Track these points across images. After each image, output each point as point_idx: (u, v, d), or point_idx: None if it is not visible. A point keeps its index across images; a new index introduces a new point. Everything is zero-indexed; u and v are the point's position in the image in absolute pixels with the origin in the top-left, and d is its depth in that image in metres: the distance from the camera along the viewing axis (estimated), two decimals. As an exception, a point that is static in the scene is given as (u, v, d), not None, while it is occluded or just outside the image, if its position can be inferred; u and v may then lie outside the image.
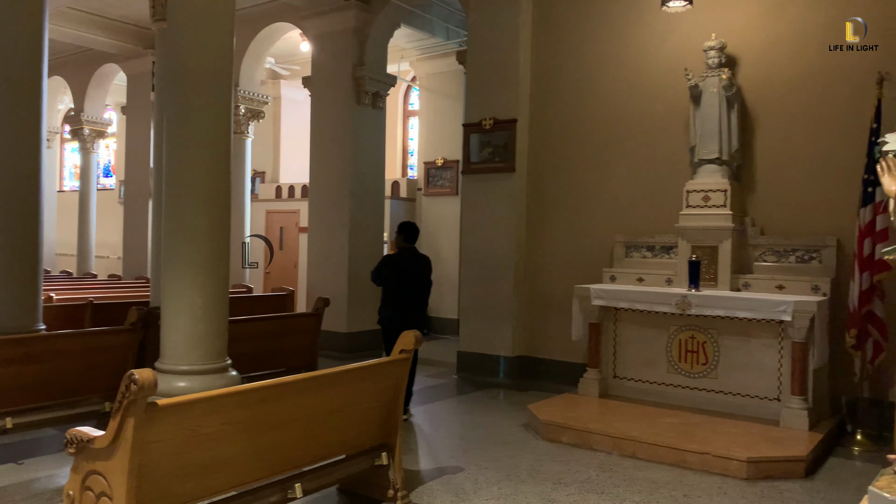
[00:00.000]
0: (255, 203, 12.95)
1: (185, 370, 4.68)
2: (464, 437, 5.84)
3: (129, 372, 2.70)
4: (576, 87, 7.64)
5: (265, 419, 3.39)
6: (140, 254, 12.49)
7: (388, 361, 4.17)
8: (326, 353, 8.51)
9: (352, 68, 9.45)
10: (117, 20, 11.63)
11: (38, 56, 6.39)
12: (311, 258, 9.95)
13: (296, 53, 12.46)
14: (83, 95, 13.92)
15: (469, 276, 8.22)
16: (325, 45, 9.72)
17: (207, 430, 3.09)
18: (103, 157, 17.43)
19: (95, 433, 2.83)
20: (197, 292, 4.74)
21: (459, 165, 10.22)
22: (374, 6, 9.45)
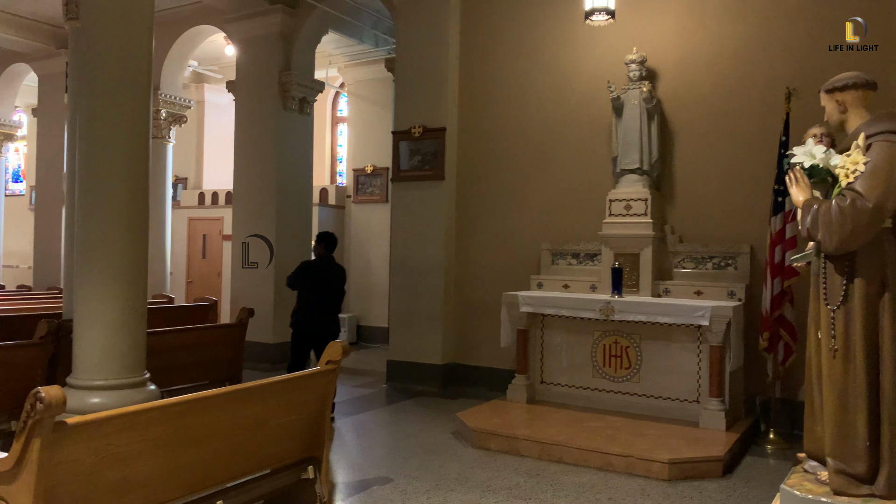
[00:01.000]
0: (177, 210, 12.55)
1: (99, 385, 4.48)
2: (392, 447, 5.79)
3: (35, 389, 2.55)
4: (503, 97, 7.74)
5: (185, 435, 3.26)
6: (52, 263, 11.87)
7: (315, 373, 4.09)
8: (251, 365, 8.31)
9: (278, 73, 9.29)
10: (28, 18, 11.08)
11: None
12: (235, 267, 9.69)
13: (221, 57, 12.15)
14: (-10, 96, 13.17)
15: (399, 284, 8.19)
16: (250, 49, 9.52)
17: (122, 449, 2.95)
18: (13, 161, 16.54)
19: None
20: (113, 303, 4.55)
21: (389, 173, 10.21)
22: (301, 11, 9.33)
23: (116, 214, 4.58)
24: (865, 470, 3.05)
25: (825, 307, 3.21)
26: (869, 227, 3.02)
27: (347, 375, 8.47)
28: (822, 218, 3.10)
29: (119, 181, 4.61)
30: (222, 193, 12.48)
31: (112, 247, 4.55)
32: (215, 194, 12.70)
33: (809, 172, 3.29)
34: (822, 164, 3.25)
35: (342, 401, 7.08)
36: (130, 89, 4.67)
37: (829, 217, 3.07)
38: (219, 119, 13.32)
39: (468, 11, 7.96)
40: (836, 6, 6.05)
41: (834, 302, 3.16)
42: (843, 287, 3.13)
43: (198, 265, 12.78)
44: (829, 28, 6.05)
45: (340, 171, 13.06)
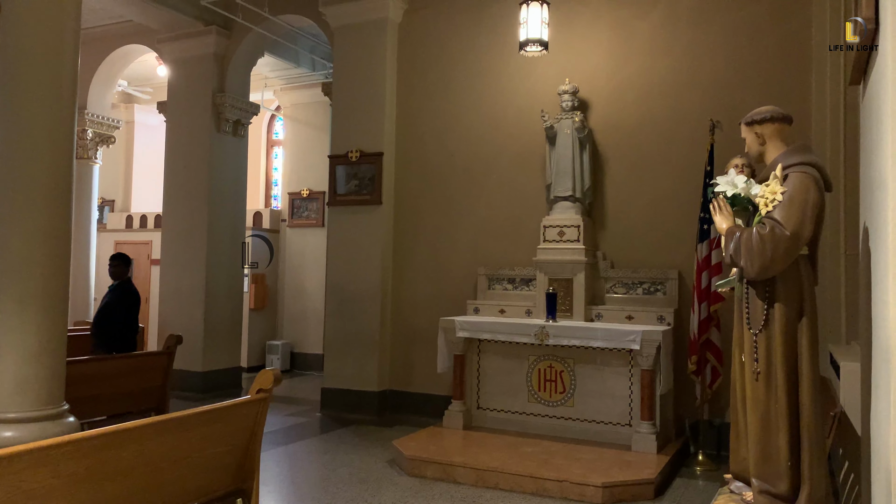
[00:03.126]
0: (103, 233, 12.10)
1: (12, 418, 4.22)
2: (326, 477, 5.65)
3: (-63, 424, 2.37)
4: (440, 123, 7.81)
5: (103, 470, 3.09)
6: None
7: (244, 402, 3.96)
8: (179, 394, 8.03)
9: (212, 95, 9.13)
10: (-56, 31, 10.55)
11: None
12: (163, 292, 9.38)
13: (152, 77, 11.85)
14: None
15: (334, 310, 8.08)
16: (183, 69, 9.33)
17: (33, 486, 2.77)
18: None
19: None
20: (29, 331, 4.30)
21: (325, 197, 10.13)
22: (236, 33, 9.22)
23: (36, 237, 4.36)
24: (788, 489, 3.15)
25: (748, 331, 3.32)
26: (787, 254, 3.15)
27: (280, 404, 8.27)
28: (744, 245, 3.22)
29: (39, 202, 4.40)
30: (151, 216, 12.12)
31: (30, 271, 4.32)
32: (144, 217, 12.31)
33: (732, 201, 3.42)
34: (744, 194, 3.38)
35: (274, 430, 6.90)
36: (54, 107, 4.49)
37: (750, 244, 3.19)
38: (149, 140, 12.97)
39: (405, 38, 8.03)
40: (757, 43, 6.38)
41: (756, 326, 3.28)
42: (764, 312, 3.25)
43: (124, 290, 12.29)
44: (750, 64, 6.38)
45: (276, 194, 12.88)
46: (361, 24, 7.98)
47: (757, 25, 6.42)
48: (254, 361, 11.05)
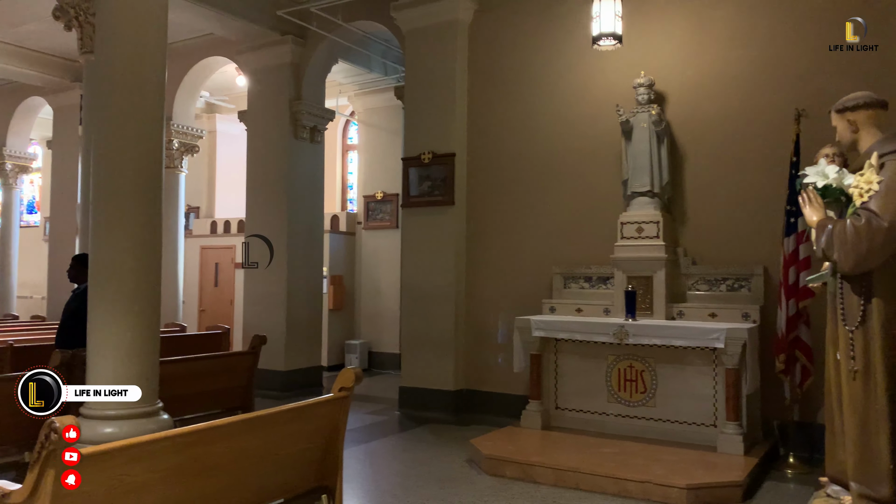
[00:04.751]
0: (189, 239, 12.62)
1: (112, 415, 4.46)
2: (405, 475, 5.73)
3: (49, 420, 2.54)
4: (512, 121, 7.78)
5: (195, 465, 3.23)
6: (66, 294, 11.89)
7: (327, 400, 4.06)
8: (263, 393, 8.28)
9: (289, 102, 9.39)
10: (43, 52, 11.28)
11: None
12: (247, 295, 9.71)
13: (232, 87, 12.31)
14: (6, 129, 13.38)
15: (409, 310, 8.17)
16: (261, 79, 9.64)
17: (134, 479, 2.92)
18: (27, 192, 16.74)
19: (11, 487, 2.64)
20: (125, 333, 4.55)
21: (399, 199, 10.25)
22: (310, 42, 9.45)
23: (129, 244, 4.60)
24: (890, 493, 2.99)
25: (843, 328, 3.16)
26: (885, 247, 2.98)
27: (359, 402, 8.43)
28: (838, 238, 3.07)
29: (132, 211, 4.64)
30: (234, 222, 12.57)
31: (125, 276, 4.57)
32: (227, 223, 12.78)
33: (822, 192, 3.27)
34: (836, 184, 3.23)
35: (354, 428, 7.03)
36: (144, 120, 4.73)
37: (844, 237, 3.04)
38: (230, 148, 13.45)
39: (475, 38, 8.04)
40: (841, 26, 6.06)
41: (852, 323, 3.12)
42: (860, 307, 3.09)
43: (210, 293, 12.82)
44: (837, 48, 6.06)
45: (351, 197, 13.14)
46: (432, 27, 8.04)
47: (845, 6, 6.09)
48: (334, 360, 11.30)
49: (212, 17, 8.83)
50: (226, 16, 8.77)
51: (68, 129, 12.12)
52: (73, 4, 7.44)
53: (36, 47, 11.10)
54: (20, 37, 10.49)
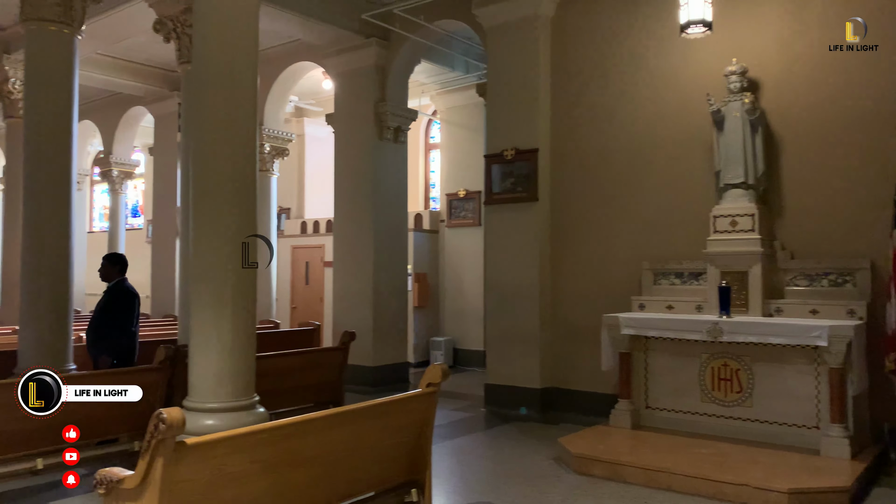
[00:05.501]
0: (281, 239, 13.07)
1: (212, 408, 4.68)
2: (493, 472, 5.73)
3: (158, 411, 2.69)
4: (598, 115, 7.64)
5: (290, 457, 3.35)
6: (168, 292, 12.62)
7: (415, 396, 4.12)
8: (352, 388, 8.47)
9: (373, 104, 9.57)
10: (144, 64, 11.94)
11: (68, 102, 6.58)
12: (336, 292, 9.97)
13: (319, 91, 12.65)
14: (112, 138, 14.24)
15: (494, 307, 8.17)
16: (347, 82, 9.87)
17: (233, 469, 3.06)
18: (131, 197, 17.76)
19: (124, 473, 2.82)
20: (225, 329, 4.76)
21: (482, 196, 10.27)
22: (394, 43, 9.59)
23: (227, 245, 4.81)
24: None
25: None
26: None
27: (445, 399, 8.46)
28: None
29: (229, 213, 4.84)
30: (323, 222, 12.92)
31: (224, 276, 4.77)
32: (316, 223, 13.16)
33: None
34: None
35: (441, 424, 7.09)
36: (238, 126, 4.92)
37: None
38: (318, 151, 13.84)
39: (557, 31, 7.94)
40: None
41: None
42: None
43: (301, 291, 13.24)
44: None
45: (434, 196, 13.25)
46: (514, 22, 8.00)
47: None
48: (419, 357, 11.45)
49: (299, 23, 9.10)
50: (313, 22, 9.02)
51: (168, 137, 12.80)
52: (172, 17, 7.83)
53: (138, 60, 11.75)
54: (124, 50, 11.14)
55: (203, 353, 4.76)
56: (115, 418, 5.24)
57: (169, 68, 11.79)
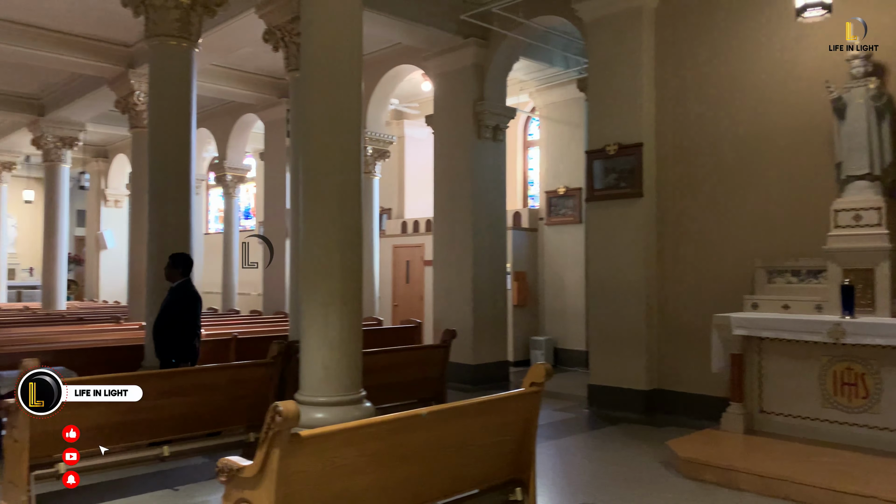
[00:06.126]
0: (383, 239, 13.36)
1: (322, 401, 4.85)
2: (598, 473, 5.64)
3: (274, 404, 2.82)
4: (704, 106, 7.34)
5: (397, 451, 3.42)
6: (278, 290, 13.19)
7: (519, 395, 4.11)
8: (453, 385, 8.55)
9: (472, 103, 9.61)
10: (254, 73, 12.52)
11: (187, 111, 7.00)
12: (436, 291, 10.09)
13: (418, 93, 12.85)
14: (226, 144, 15.04)
15: (597, 307, 8.02)
16: (445, 82, 9.96)
17: (344, 462, 3.16)
18: (244, 200, 18.66)
19: (244, 462, 2.97)
20: (331, 326, 4.92)
21: (583, 193, 10.10)
22: (492, 42, 9.60)
23: (335, 245, 4.97)
24: None
25: None
26: None
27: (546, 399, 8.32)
28: None
29: (336, 216, 5.01)
30: (423, 221, 13.11)
31: (332, 274, 4.94)
32: (416, 222, 13.37)
33: None
34: None
35: (543, 424, 7.02)
36: (344, 129, 5.08)
37: None
38: (417, 151, 14.05)
39: (662, 22, 7.69)
40: None
41: None
42: None
43: (402, 289, 13.49)
44: None
45: (532, 194, 13.16)
46: (615, 14, 7.82)
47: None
48: (519, 356, 11.40)
49: (400, 27, 9.28)
50: (413, 25, 9.17)
51: (277, 142, 13.37)
52: (280, 27, 8.18)
53: (248, 69, 12.34)
54: (235, 61, 11.73)
55: (313, 349, 4.94)
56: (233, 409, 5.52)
57: (277, 76, 12.31)
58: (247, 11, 8.68)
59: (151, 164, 6.92)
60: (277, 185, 13.33)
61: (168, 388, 5.16)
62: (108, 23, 10.05)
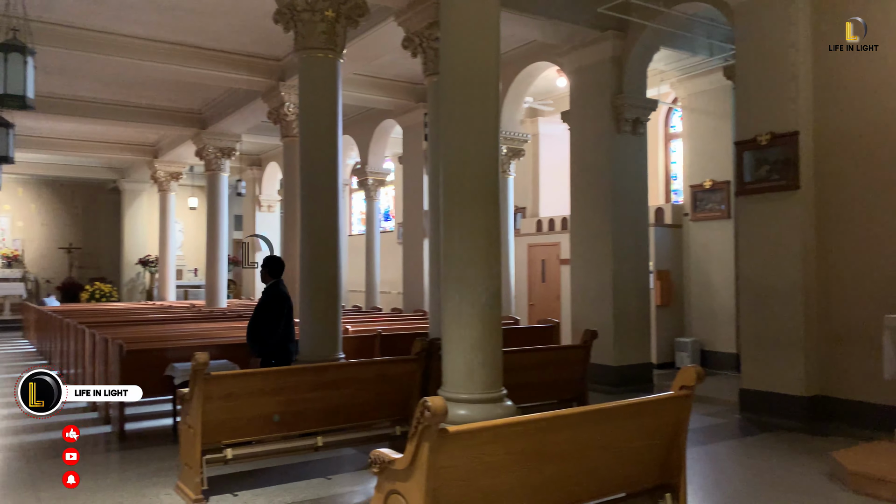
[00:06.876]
0: (518, 238, 13.35)
1: (464, 399, 4.91)
2: (753, 482, 5.31)
3: (423, 399, 2.90)
4: (875, 88, 6.71)
5: (543, 451, 3.41)
6: (417, 289, 13.56)
7: (667, 398, 3.96)
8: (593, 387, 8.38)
9: (610, 97, 9.37)
10: (392, 79, 12.95)
11: (333, 120, 7.35)
12: (574, 290, 9.93)
13: (552, 89, 12.72)
14: (367, 149, 15.66)
15: (750, 307, 7.55)
16: (582, 77, 9.79)
17: (491, 459, 3.19)
18: (383, 202, 19.34)
19: (395, 455, 3.07)
20: (473, 324, 4.98)
21: (731, 186, 9.57)
22: (631, 33, 9.31)
23: (475, 244, 5.03)
24: None
25: None
26: None
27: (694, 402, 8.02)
28: None
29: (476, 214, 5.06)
30: (558, 220, 12.96)
31: (472, 274, 5.00)
32: (551, 221, 13.24)
33: None
34: None
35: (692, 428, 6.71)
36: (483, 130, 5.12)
37: None
38: (552, 149, 13.91)
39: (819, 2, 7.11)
40: None
41: None
42: None
43: (538, 289, 13.41)
44: None
45: (676, 188, 12.63)
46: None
47: None
48: (663, 358, 10.98)
49: (536, 24, 9.23)
50: (550, 21, 9.10)
51: (415, 145, 13.74)
52: (418, 33, 8.39)
53: (387, 76, 12.78)
54: (375, 69, 12.18)
55: (455, 347, 5.02)
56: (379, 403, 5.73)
57: (415, 81, 12.66)
58: (386, 20, 9.00)
59: (303, 171, 7.32)
60: (415, 187, 13.70)
61: (321, 382, 5.45)
62: (261, 40, 10.79)
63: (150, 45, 10.82)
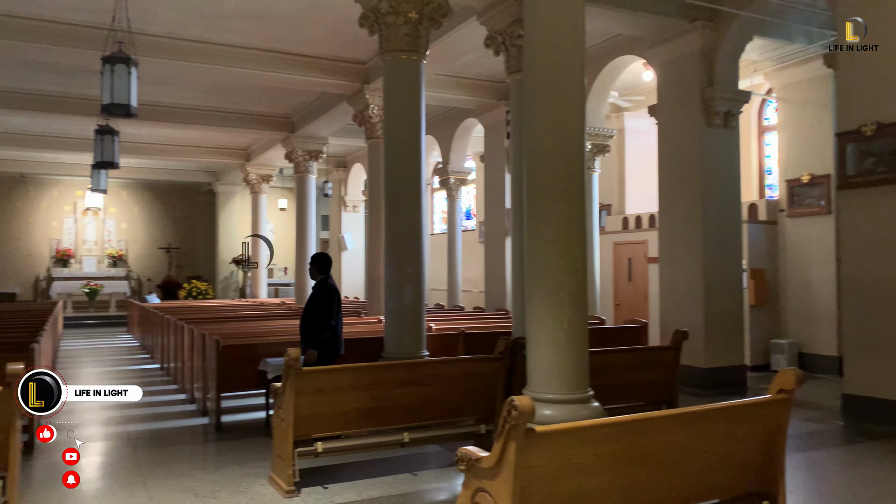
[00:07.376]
0: (603, 236, 13.10)
1: (550, 399, 4.87)
2: (857, 493, 5.02)
3: (510, 398, 2.89)
4: None
5: (632, 454, 3.33)
6: (499, 288, 13.53)
7: (764, 402, 3.80)
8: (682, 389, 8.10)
9: (700, 90, 9.05)
10: (474, 78, 12.96)
11: (417, 121, 7.44)
12: (662, 289, 9.66)
13: (638, 84, 12.41)
14: (448, 149, 15.74)
15: (854, 307, 7.13)
16: (670, 70, 9.50)
17: (579, 460, 3.15)
18: (465, 201, 19.39)
19: (482, 453, 3.08)
20: (557, 325, 4.93)
21: (832, 180, 9.07)
22: (722, 23, 8.96)
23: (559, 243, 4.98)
24: None
25: None
26: None
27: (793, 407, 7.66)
28: None
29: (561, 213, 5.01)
30: (645, 217, 12.64)
31: (557, 273, 4.95)
32: (638, 218, 12.92)
33: None
34: None
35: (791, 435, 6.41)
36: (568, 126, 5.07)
37: None
38: (638, 144, 13.57)
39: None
40: None
41: None
42: None
43: (624, 288, 13.12)
44: None
45: (770, 183, 12.07)
46: (871, -24, 6.90)
47: None
48: (757, 360, 10.52)
49: (622, 18, 9.02)
50: (636, 14, 8.87)
51: (496, 144, 13.71)
52: (501, 31, 8.36)
53: (468, 75, 12.80)
54: (456, 68, 12.22)
55: (539, 346, 4.99)
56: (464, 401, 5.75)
57: (496, 80, 12.62)
58: (468, 20, 9.01)
59: (387, 171, 7.44)
60: (497, 185, 13.67)
61: (408, 379, 5.52)
62: (347, 44, 11.03)
63: (243, 52, 11.26)
